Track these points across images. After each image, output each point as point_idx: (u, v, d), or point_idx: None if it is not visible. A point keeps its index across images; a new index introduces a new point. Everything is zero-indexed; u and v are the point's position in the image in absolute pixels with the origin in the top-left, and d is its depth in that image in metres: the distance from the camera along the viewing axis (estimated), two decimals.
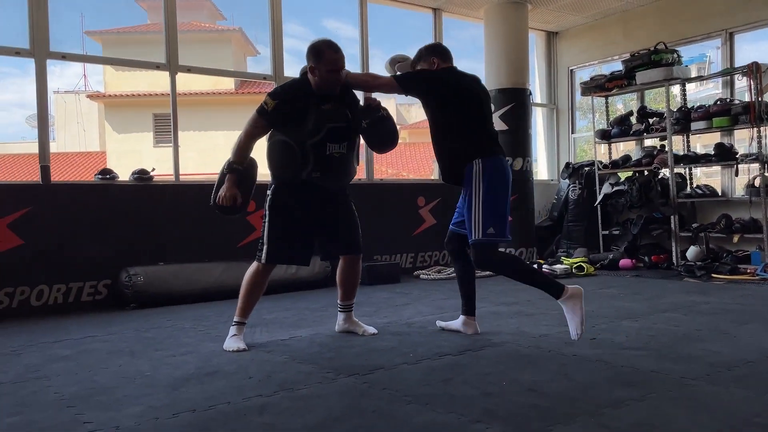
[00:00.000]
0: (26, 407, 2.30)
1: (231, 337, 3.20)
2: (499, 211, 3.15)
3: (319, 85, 3.14)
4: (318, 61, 3.10)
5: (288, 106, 3.10)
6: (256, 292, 3.25)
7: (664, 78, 6.15)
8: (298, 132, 3.09)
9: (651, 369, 2.59)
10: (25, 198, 4.47)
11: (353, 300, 3.56)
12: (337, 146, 3.15)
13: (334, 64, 3.11)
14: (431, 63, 3.34)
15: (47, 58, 4.63)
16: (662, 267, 6.09)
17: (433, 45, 3.52)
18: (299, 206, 3.20)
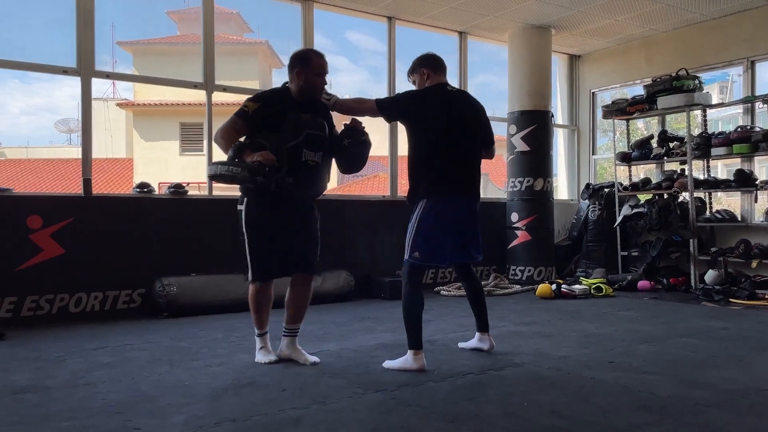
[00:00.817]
0: (78, 412, 2.47)
1: (260, 350, 3.36)
2: (430, 241, 3.22)
3: (304, 90, 3.21)
4: (305, 66, 3.19)
5: (269, 109, 3.14)
6: (263, 308, 3.35)
7: (685, 104, 6.25)
8: (275, 136, 3.10)
9: (667, 394, 2.70)
10: (68, 209, 4.70)
11: (300, 325, 3.43)
12: (312, 154, 3.17)
13: (321, 68, 3.22)
14: (422, 74, 3.39)
15: (93, 76, 4.87)
16: (680, 290, 6.15)
17: (425, 56, 3.46)
18: (274, 219, 3.18)
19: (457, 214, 3.30)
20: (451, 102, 3.33)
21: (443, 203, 3.26)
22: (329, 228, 5.93)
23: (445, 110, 3.29)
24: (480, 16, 6.50)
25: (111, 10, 27.62)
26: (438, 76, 3.41)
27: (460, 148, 3.31)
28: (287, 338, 3.42)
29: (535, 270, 6.71)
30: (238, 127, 3.14)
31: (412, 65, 3.47)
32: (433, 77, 3.40)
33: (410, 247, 3.26)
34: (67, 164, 20.43)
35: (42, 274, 4.57)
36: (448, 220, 3.26)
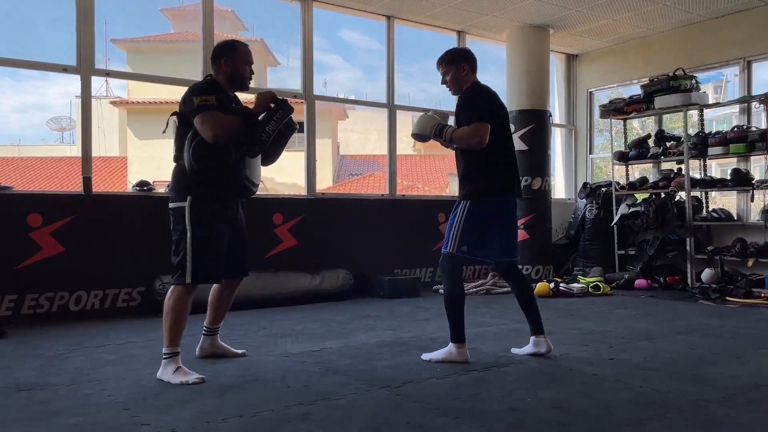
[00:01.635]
0: (85, 408, 2.48)
1: (176, 371, 2.89)
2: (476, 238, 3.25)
3: (232, 80, 3.09)
4: (232, 54, 3.09)
5: (220, 100, 2.98)
6: (183, 318, 3.00)
7: (682, 103, 6.30)
8: None
9: (668, 390, 2.74)
10: (68, 207, 4.70)
11: (221, 323, 3.41)
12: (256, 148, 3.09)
13: (247, 56, 3.13)
14: (461, 69, 3.33)
15: (92, 75, 4.87)
16: (677, 288, 6.20)
17: (468, 52, 3.43)
18: (219, 221, 3.05)
19: (510, 213, 3.36)
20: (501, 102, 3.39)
21: (492, 203, 3.28)
22: (328, 227, 5.97)
23: (505, 112, 3.39)
24: (478, 15, 6.52)
25: (105, 8, 27.54)
26: (474, 75, 3.38)
27: (512, 149, 3.41)
28: (210, 337, 3.38)
29: (533, 269, 6.74)
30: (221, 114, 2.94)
31: (452, 55, 3.36)
32: (470, 75, 3.35)
33: (457, 240, 3.24)
34: (61, 162, 20.37)
35: (42, 272, 4.56)
36: (501, 218, 3.30)
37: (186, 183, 3.02)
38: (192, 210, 2.99)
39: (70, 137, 25.72)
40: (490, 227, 3.28)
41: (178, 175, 3.07)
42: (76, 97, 20.14)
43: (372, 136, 23.81)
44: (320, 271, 5.62)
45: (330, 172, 20.28)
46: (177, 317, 2.98)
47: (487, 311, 4.99)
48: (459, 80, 3.35)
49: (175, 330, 2.97)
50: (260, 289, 5.18)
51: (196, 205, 3.00)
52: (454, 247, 3.25)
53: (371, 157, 22.30)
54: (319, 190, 6.36)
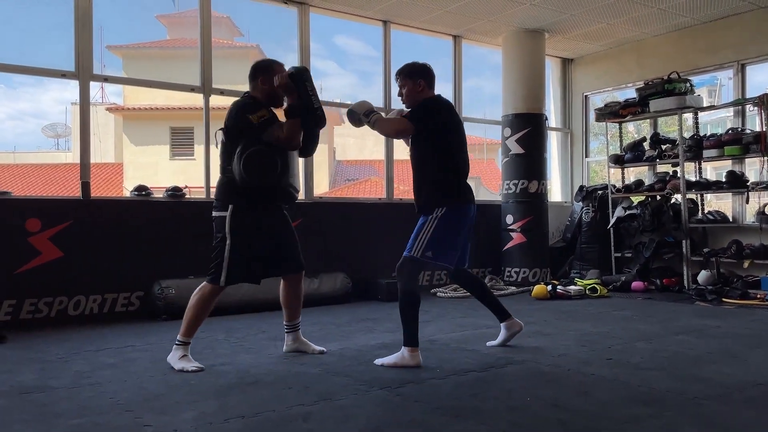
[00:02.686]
0: (87, 410, 2.49)
1: (182, 358, 3.17)
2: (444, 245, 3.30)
3: (270, 97, 3.28)
4: (269, 74, 3.25)
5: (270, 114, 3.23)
6: (205, 313, 3.26)
7: (677, 107, 6.35)
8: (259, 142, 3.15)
9: (666, 388, 2.76)
10: (66, 212, 4.71)
11: (299, 320, 3.57)
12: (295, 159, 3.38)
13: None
14: (417, 85, 3.37)
15: (91, 80, 4.89)
16: (674, 290, 6.23)
17: (423, 67, 3.45)
18: (257, 228, 3.23)
19: (470, 221, 3.43)
20: (455, 112, 3.51)
21: (463, 210, 3.36)
22: (326, 231, 5.99)
23: (458, 118, 3.48)
24: (474, 20, 6.57)
25: (101, 15, 27.56)
26: (431, 91, 3.44)
27: (467, 160, 3.48)
28: (292, 333, 3.57)
29: (530, 271, 6.77)
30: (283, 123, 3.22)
31: (409, 70, 3.42)
32: (426, 91, 3.41)
33: (424, 245, 3.26)
34: (57, 169, 20.34)
35: (41, 277, 4.57)
36: (463, 226, 3.37)
37: (228, 193, 3.23)
38: (232, 219, 3.20)
39: (66, 144, 25.72)
40: (459, 233, 3.36)
41: (221, 186, 3.29)
42: (73, 103, 20.07)
43: (368, 141, 23.84)
44: (318, 275, 5.63)
45: (326, 178, 20.30)
46: (199, 312, 3.23)
47: (486, 313, 4.95)
48: (413, 95, 3.41)
49: (194, 323, 3.23)
50: (260, 293, 5.15)
51: (236, 215, 3.20)
52: (419, 251, 3.27)
53: (368, 163, 22.33)
54: (317, 195, 6.38)
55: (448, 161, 3.35)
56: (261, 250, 3.27)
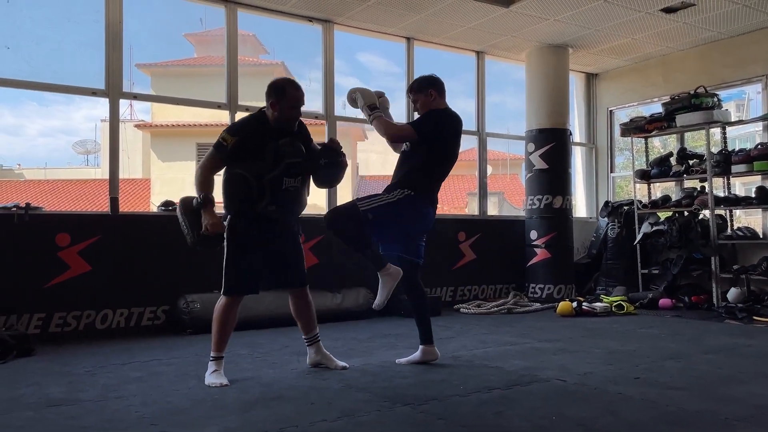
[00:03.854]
0: (113, 424, 2.52)
1: (212, 373, 3.23)
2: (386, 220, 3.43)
3: (279, 121, 3.30)
4: (280, 98, 3.28)
5: (247, 141, 3.22)
6: (229, 325, 3.31)
7: (704, 121, 6.27)
8: (255, 166, 3.21)
9: (696, 409, 2.70)
10: (95, 227, 4.79)
11: (316, 331, 3.60)
12: (292, 180, 3.30)
13: (296, 101, 3.31)
14: (428, 95, 3.56)
15: (120, 98, 4.99)
16: (702, 308, 6.11)
17: (433, 78, 3.61)
18: (254, 238, 3.28)
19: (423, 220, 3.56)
20: (458, 126, 3.63)
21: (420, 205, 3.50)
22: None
23: (458, 131, 3.63)
24: (497, 36, 6.58)
25: (130, 34, 28.18)
26: (443, 99, 3.60)
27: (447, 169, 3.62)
28: (312, 346, 3.60)
29: (554, 288, 6.70)
30: (216, 163, 3.27)
31: (418, 84, 3.61)
32: (438, 100, 3.57)
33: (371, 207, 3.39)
34: (86, 185, 20.76)
35: (69, 290, 4.65)
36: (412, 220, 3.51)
37: (227, 203, 3.34)
38: (230, 228, 3.29)
39: (95, 160, 26.25)
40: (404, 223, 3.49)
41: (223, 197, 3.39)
42: (103, 120, 20.49)
43: (391, 156, 23.90)
44: (341, 289, 5.64)
45: (349, 193, 20.38)
46: (220, 326, 3.29)
47: (509, 330, 4.97)
48: (427, 105, 3.58)
49: (218, 337, 3.29)
50: (282, 307, 5.17)
51: (231, 224, 3.29)
52: (367, 208, 3.37)
53: (390, 178, 22.34)
54: None
55: (430, 166, 3.51)
56: (256, 261, 3.32)
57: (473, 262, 6.77)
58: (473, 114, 7.20)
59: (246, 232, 3.28)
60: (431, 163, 3.52)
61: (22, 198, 7.29)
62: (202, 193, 3.22)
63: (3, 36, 19.37)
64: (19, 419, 2.58)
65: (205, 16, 22.10)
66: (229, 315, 3.31)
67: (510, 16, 6.04)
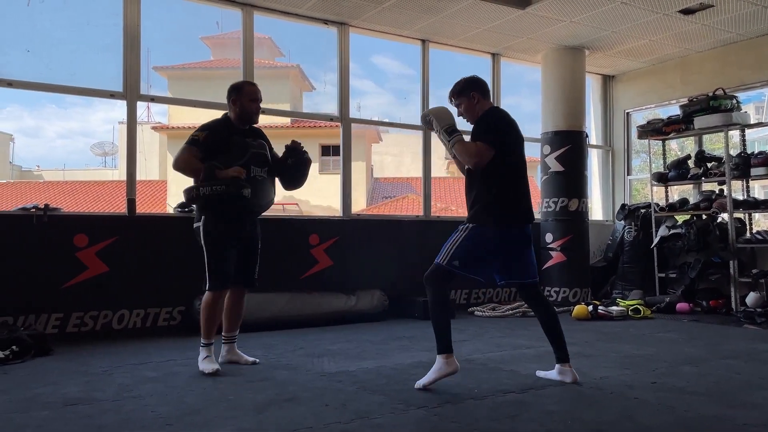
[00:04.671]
0: (129, 423, 2.54)
1: (204, 359, 3.52)
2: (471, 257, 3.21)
3: (240, 116, 3.62)
4: (239, 93, 3.63)
5: (215, 135, 3.53)
6: (216, 317, 3.61)
7: (723, 123, 6.20)
8: (225, 157, 3.48)
9: (714, 414, 2.67)
10: (112, 228, 4.84)
11: (237, 332, 3.83)
12: (259, 170, 3.61)
13: (253, 95, 3.66)
14: (471, 98, 3.33)
15: (138, 100, 5.04)
16: (721, 312, 6.04)
17: (473, 79, 3.41)
18: (229, 232, 3.55)
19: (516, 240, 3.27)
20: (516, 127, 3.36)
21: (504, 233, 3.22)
22: (363, 248, 6.01)
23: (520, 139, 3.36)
24: (513, 37, 6.56)
25: (148, 37, 28.43)
26: (486, 101, 3.37)
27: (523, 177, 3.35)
28: (227, 345, 3.80)
29: (570, 291, 6.65)
30: (194, 153, 3.50)
31: (460, 87, 3.38)
32: (482, 102, 3.34)
33: (450, 254, 3.19)
34: (103, 186, 21.00)
35: (87, 291, 4.70)
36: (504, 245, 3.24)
37: (200, 206, 3.57)
38: (205, 227, 3.55)
39: (113, 162, 26.55)
40: (489, 252, 3.23)
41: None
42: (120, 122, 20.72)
43: (406, 158, 23.91)
44: (355, 291, 5.65)
45: (364, 195, 20.41)
46: (207, 316, 3.57)
47: (524, 333, 4.94)
48: (472, 109, 3.35)
49: (207, 326, 3.56)
50: (296, 309, 5.24)
51: (208, 222, 3.54)
52: (446, 259, 3.20)
53: (405, 180, 22.38)
54: (354, 212, 6.42)
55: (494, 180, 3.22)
56: (232, 255, 3.60)
57: None
58: None
59: (219, 229, 3.53)
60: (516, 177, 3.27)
61: (41, 199, 7.38)
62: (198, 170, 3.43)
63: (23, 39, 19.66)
64: (36, 418, 2.61)
65: (221, 19, 22.33)
66: (216, 308, 3.60)
67: (526, 18, 6.01)
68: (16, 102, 47.95)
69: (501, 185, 3.22)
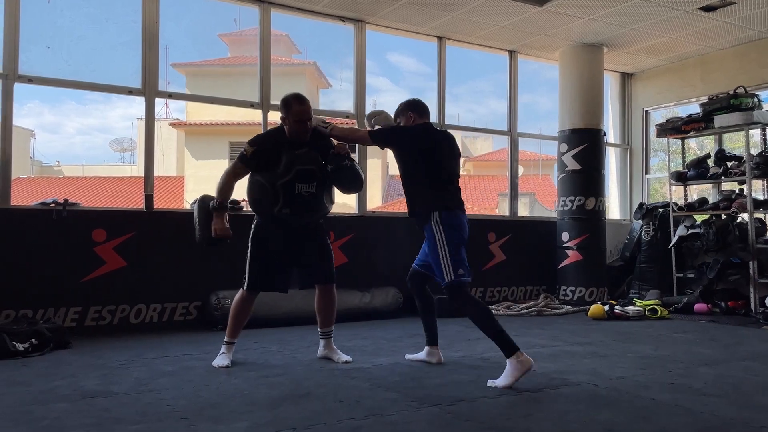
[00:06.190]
0: (145, 416, 2.57)
1: (220, 355, 3.59)
2: (462, 256, 3.45)
3: (290, 133, 3.56)
4: (287, 112, 3.55)
5: (264, 152, 3.52)
6: (242, 316, 3.65)
7: (743, 122, 6.11)
8: (271, 174, 3.48)
9: (731, 416, 2.64)
10: (130, 223, 4.89)
11: (332, 327, 3.82)
12: (305, 186, 3.53)
13: (301, 115, 3.53)
14: (408, 117, 3.68)
15: (156, 96, 5.09)
16: (739, 313, 5.97)
17: (411, 101, 3.77)
18: (276, 239, 3.57)
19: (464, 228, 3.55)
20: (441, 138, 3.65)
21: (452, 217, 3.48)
22: (378, 245, 6.01)
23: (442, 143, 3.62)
24: (531, 35, 6.52)
25: (166, 34, 28.66)
26: (423, 118, 3.70)
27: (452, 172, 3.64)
28: (324, 340, 3.82)
29: (586, 291, 6.60)
30: (238, 170, 3.58)
31: (400, 109, 3.74)
32: (418, 121, 3.68)
33: (451, 267, 3.39)
34: (122, 181, 21.20)
35: (105, 285, 4.76)
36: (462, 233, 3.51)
37: (251, 206, 3.67)
38: (254, 230, 3.64)
39: (131, 158, 26.79)
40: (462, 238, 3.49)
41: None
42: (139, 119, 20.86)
43: None
44: (370, 289, 5.65)
45: (379, 192, 20.41)
46: (235, 314, 3.64)
47: (539, 332, 4.92)
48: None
49: (233, 324, 3.64)
50: (311, 305, 5.23)
51: (257, 226, 3.64)
52: (451, 275, 3.38)
53: None
54: (369, 209, 6.42)
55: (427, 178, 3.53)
56: (279, 260, 3.60)
57: (503, 263, 6.72)
58: (505, 114, 7.15)
59: (267, 234, 3.58)
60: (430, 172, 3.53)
61: (60, 194, 7.49)
62: (219, 198, 3.57)
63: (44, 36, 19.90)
64: (54, 410, 2.65)
65: (239, 16, 22.40)
66: (245, 307, 3.63)
67: (544, 15, 5.97)
68: (36, 98, 48.62)
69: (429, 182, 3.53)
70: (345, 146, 3.71)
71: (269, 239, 3.58)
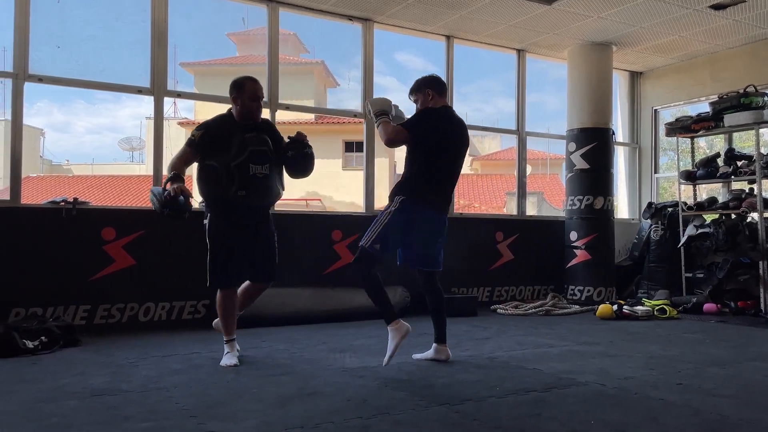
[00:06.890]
0: (154, 415, 2.58)
1: (225, 355, 3.58)
2: (389, 239, 3.47)
3: (242, 114, 3.58)
4: (240, 90, 3.57)
5: (212, 134, 3.52)
6: (230, 312, 3.64)
7: (754, 121, 6.07)
8: (223, 156, 3.47)
9: (740, 417, 2.62)
10: (139, 222, 4.92)
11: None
12: (259, 167, 3.54)
13: (254, 93, 3.60)
14: (426, 95, 3.60)
15: (165, 96, 5.11)
16: (749, 313, 5.93)
17: (429, 78, 3.68)
18: (230, 231, 3.56)
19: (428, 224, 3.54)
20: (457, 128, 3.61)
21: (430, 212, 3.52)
22: None
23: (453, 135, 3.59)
24: (539, 33, 6.50)
25: (175, 33, 28.71)
26: (441, 98, 3.64)
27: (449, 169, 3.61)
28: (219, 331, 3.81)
29: (594, 290, 6.58)
30: (187, 155, 3.56)
31: (417, 84, 3.66)
32: (437, 99, 3.61)
33: (374, 236, 3.45)
34: (131, 180, 21.31)
35: (114, 283, 4.78)
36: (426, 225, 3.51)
37: (202, 193, 3.64)
38: (209, 225, 3.62)
39: (140, 156, 26.92)
40: (413, 230, 3.48)
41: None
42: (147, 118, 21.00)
43: None
44: None
45: (387, 191, 20.40)
46: (223, 314, 3.64)
47: (548, 332, 4.90)
48: (425, 105, 3.63)
49: (224, 323, 3.65)
50: (319, 304, 5.27)
51: (211, 221, 3.61)
52: (369, 241, 3.45)
53: None
54: (377, 208, 6.42)
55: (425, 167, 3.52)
56: (235, 254, 3.58)
57: (511, 262, 6.71)
58: (513, 113, 7.14)
59: (220, 227, 3.56)
60: (426, 165, 3.52)
61: (70, 193, 7.54)
62: (171, 171, 3.49)
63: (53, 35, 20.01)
64: (63, 408, 2.66)
65: (247, 15, 22.47)
66: (228, 304, 3.62)
67: (552, 14, 5.96)
68: (46, 97, 48.89)
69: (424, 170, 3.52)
70: (303, 134, 3.73)
71: (223, 233, 3.56)
